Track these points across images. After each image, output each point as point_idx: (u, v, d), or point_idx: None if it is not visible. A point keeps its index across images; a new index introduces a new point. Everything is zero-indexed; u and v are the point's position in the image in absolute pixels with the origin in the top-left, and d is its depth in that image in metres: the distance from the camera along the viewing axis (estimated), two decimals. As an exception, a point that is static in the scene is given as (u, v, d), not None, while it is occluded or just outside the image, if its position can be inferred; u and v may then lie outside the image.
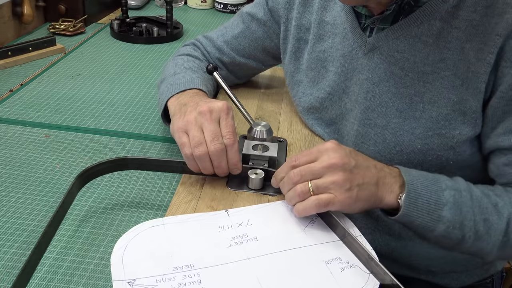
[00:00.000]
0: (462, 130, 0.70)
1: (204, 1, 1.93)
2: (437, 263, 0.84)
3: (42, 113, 1.04)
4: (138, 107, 1.09)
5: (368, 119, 0.76)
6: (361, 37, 0.75)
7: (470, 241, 0.65)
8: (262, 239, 0.62)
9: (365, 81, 0.76)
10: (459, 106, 0.69)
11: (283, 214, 0.67)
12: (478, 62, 0.67)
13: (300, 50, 0.88)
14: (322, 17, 0.83)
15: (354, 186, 0.62)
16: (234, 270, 0.57)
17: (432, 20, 0.69)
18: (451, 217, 0.64)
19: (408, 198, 0.63)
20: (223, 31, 0.98)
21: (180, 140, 0.71)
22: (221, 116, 0.71)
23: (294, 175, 0.64)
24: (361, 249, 0.59)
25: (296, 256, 0.60)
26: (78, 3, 1.58)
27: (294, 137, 0.87)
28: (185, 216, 0.65)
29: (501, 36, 0.65)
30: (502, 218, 0.65)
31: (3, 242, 0.68)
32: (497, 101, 0.67)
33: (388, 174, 0.65)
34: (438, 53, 0.69)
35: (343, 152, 0.63)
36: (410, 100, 0.72)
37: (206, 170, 0.71)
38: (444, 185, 0.65)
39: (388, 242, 0.82)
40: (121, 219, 0.74)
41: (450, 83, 0.69)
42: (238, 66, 0.98)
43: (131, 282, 0.54)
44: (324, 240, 0.63)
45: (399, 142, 0.74)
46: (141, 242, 0.60)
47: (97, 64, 1.32)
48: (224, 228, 0.64)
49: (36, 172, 0.84)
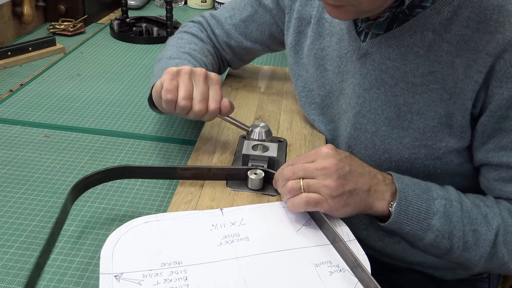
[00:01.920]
0: (448, 142, 0.71)
1: (204, 1, 1.93)
2: (430, 259, 0.84)
3: (42, 113, 1.04)
4: (138, 107, 1.09)
5: (359, 123, 0.77)
6: (355, 41, 0.76)
7: (458, 251, 0.66)
8: (253, 239, 0.62)
9: (357, 85, 0.76)
10: (446, 120, 0.70)
11: (279, 214, 0.66)
12: (466, 79, 0.67)
13: (300, 44, 0.88)
14: (322, 14, 0.83)
15: (345, 192, 0.62)
16: (222, 268, 0.57)
17: (425, 31, 0.68)
18: (440, 226, 0.64)
19: (399, 205, 0.64)
20: (231, 12, 0.97)
21: (168, 84, 0.72)
22: (212, 84, 0.74)
23: (287, 171, 0.65)
24: (350, 254, 0.58)
25: (286, 257, 0.59)
26: (78, 3, 1.58)
27: (294, 137, 0.87)
28: (180, 213, 0.65)
29: (490, 56, 0.64)
30: (491, 230, 0.65)
31: (3, 242, 0.68)
32: (487, 119, 0.67)
33: (381, 181, 0.66)
34: (428, 66, 0.69)
35: (338, 157, 0.64)
36: (398, 110, 0.72)
37: (172, 113, 0.75)
38: (435, 194, 0.66)
39: (382, 238, 0.83)
40: (121, 219, 0.74)
41: (438, 97, 0.69)
42: (244, 50, 0.99)
43: (117, 276, 0.54)
44: (315, 243, 0.62)
45: (387, 150, 0.75)
46: (133, 237, 0.60)
47: (97, 64, 1.32)
48: (216, 226, 0.63)
49: (36, 172, 0.84)
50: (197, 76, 0.73)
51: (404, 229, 0.65)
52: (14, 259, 0.66)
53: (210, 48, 0.97)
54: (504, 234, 0.66)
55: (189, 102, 0.72)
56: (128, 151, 0.92)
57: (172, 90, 0.72)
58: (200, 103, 0.72)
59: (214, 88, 0.74)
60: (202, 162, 0.78)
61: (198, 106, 0.72)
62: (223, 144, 0.83)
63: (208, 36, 0.98)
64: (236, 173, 0.73)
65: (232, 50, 0.99)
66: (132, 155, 0.91)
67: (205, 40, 0.97)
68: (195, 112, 0.72)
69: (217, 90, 0.74)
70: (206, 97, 0.73)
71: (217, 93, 0.74)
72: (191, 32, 0.97)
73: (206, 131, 0.87)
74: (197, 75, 0.73)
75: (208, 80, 0.74)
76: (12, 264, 0.65)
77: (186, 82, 0.72)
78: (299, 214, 0.66)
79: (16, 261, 0.65)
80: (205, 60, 0.91)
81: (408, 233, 0.65)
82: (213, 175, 0.72)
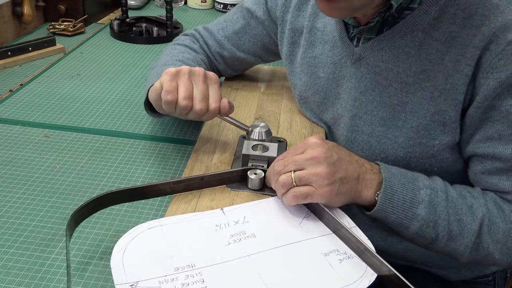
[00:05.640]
0: (442, 140, 0.72)
1: (204, 1, 1.93)
2: (433, 259, 0.85)
3: (42, 113, 1.04)
4: (138, 107, 1.09)
5: (355, 126, 0.78)
6: (348, 47, 0.77)
7: (443, 241, 0.67)
8: (260, 235, 0.63)
9: (353, 89, 0.77)
10: (438, 117, 0.71)
11: (278, 209, 0.67)
12: (456, 73, 0.68)
13: (294, 54, 0.89)
14: (314, 24, 0.84)
15: (337, 180, 0.63)
16: (235, 267, 0.57)
17: (415, 31, 0.70)
18: (425, 215, 0.65)
19: (384, 194, 0.65)
20: (223, 24, 0.98)
21: (168, 85, 0.72)
22: (211, 83, 0.74)
23: (277, 165, 0.66)
24: (355, 240, 0.60)
25: (295, 250, 0.61)
26: (78, 3, 1.58)
27: (294, 137, 0.87)
28: (181, 216, 0.65)
29: (477, 48, 0.65)
30: (475, 220, 0.66)
31: (3, 242, 0.68)
32: (474, 111, 0.68)
33: (369, 170, 0.67)
34: (419, 64, 0.70)
35: (326, 146, 0.65)
36: (393, 110, 0.74)
37: (172, 114, 0.75)
38: (421, 184, 0.67)
39: (384, 238, 0.84)
40: (121, 219, 0.74)
41: (429, 94, 0.70)
42: (237, 60, 1.00)
43: (133, 285, 0.54)
44: (320, 233, 0.64)
45: (383, 150, 0.76)
46: (139, 244, 0.60)
47: (97, 64, 1.32)
48: (221, 226, 0.64)
49: (36, 172, 0.84)
50: (196, 76, 0.73)
51: (389, 218, 0.66)
52: (14, 259, 0.66)
53: (204, 58, 0.97)
54: (489, 225, 0.66)
55: (190, 102, 0.72)
56: (128, 151, 0.92)
57: (172, 91, 0.72)
58: (200, 102, 0.72)
59: (213, 88, 0.74)
60: (202, 162, 0.78)
61: (199, 106, 0.72)
62: (223, 144, 0.83)
63: (201, 47, 0.99)
64: (229, 177, 0.72)
65: (224, 61, 1.00)
66: (132, 155, 0.91)
67: (198, 51, 0.97)
68: (195, 112, 0.73)
69: (216, 89, 0.74)
70: (206, 96, 0.73)
71: (216, 92, 0.74)
72: (183, 44, 0.97)
73: (206, 131, 0.87)
74: (196, 75, 0.73)
75: (207, 79, 0.74)
76: (12, 264, 0.65)
77: (186, 82, 0.72)
78: (298, 206, 0.67)
79: (16, 261, 0.65)
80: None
81: (393, 221, 0.66)
82: (206, 183, 0.71)
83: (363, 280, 0.57)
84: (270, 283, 0.55)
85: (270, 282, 0.56)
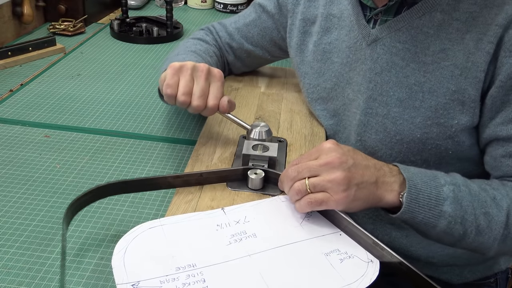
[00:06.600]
0: (461, 120, 0.71)
1: (204, 1, 1.93)
2: (438, 255, 0.84)
3: (42, 113, 1.04)
4: (138, 107, 1.09)
5: (370, 108, 0.78)
6: (365, 28, 0.78)
7: (472, 236, 0.65)
8: (260, 235, 0.63)
9: (367, 71, 0.77)
10: (458, 96, 0.71)
11: (279, 209, 0.67)
12: (477, 51, 0.68)
13: (305, 43, 0.91)
14: (330, 11, 0.86)
15: (353, 185, 0.62)
16: (237, 267, 0.58)
17: (434, 12, 0.71)
18: (452, 211, 0.64)
19: (409, 194, 0.63)
20: (236, 18, 1.03)
21: (169, 79, 0.74)
22: (214, 81, 0.75)
23: (291, 171, 0.65)
24: (364, 236, 0.60)
25: (296, 250, 0.61)
26: (78, 3, 1.58)
27: (294, 137, 0.87)
28: (182, 216, 0.65)
29: (500, 27, 0.66)
30: (501, 211, 0.65)
31: (3, 242, 0.68)
32: (496, 91, 0.68)
33: (388, 173, 0.65)
34: (438, 44, 0.71)
35: (341, 151, 0.64)
36: (410, 90, 0.74)
37: (174, 105, 0.76)
38: (443, 180, 0.66)
39: (389, 232, 0.83)
40: (121, 219, 0.74)
41: (449, 73, 0.71)
42: (245, 53, 1.02)
43: (135, 284, 0.54)
44: (321, 233, 0.64)
45: (399, 131, 0.75)
46: (140, 244, 0.60)
47: (97, 64, 1.32)
48: (222, 226, 0.64)
49: (36, 172, 0.84)
50: (199, 72, 0.74)
51: (417, 218, 0.64)
52: (14, 259, 0.66)
53: (216, 50, 1.00)
54: None
55: (188, 98, 0.73)
56: (128, 151, 0.92)
57: (172, 85, 0.74)
58: (198, 99, 0.73)
59: (215, 85, 0.75)
60: (202, 162, 0.78)
61: (196, 102, 0.73)
62: (223, 144, 0.83)
63: (214, 39, 1.03)
64: (229, 175, 0.73)
65: (233, 51, 1.03)
66: (132, 155, 0.91)
67: (211, 43, 1.01)
68: (193, 107, 0.74)
69: (218, 87, 0.75)
70: (206, 93, 0.74)
71: (217, 89, 0.75)
72: (197, 37, 1.01)
73: (206, 131, 0.87)
74: (199, 71, 0.74)
75: (210, 76, 0.75)
76: (12, 264, 0.65)
77: (187, 78, 0.74)
78: None
79: (16, 261, 0.65)
80: (210, 60, 0.93)
81: (420, 221, 0.64)
82: (205, 179, 0.72)
83: (364, 280, 0.57)
84: (271, 282, 0.55)
85: (271, 281, 0.56)
